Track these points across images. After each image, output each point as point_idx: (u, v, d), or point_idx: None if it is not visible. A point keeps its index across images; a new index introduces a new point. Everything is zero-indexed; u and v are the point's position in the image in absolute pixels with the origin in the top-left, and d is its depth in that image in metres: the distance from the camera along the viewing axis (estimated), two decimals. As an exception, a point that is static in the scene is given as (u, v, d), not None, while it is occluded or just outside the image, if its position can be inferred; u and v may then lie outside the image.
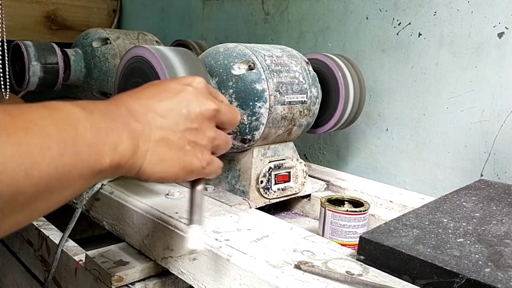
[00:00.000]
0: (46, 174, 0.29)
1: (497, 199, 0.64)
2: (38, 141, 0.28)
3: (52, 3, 1.49)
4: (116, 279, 0.57)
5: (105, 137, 0.34)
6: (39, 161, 0.28)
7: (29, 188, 0.28)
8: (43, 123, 0.29)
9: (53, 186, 0.30)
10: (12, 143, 0.27)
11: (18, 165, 0.27)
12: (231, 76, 0.67)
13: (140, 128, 0.38)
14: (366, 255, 0.49)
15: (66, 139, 0.31)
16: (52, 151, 0.29)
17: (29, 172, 0.27)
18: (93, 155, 0.33)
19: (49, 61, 0.96)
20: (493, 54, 0.78)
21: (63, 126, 0.31)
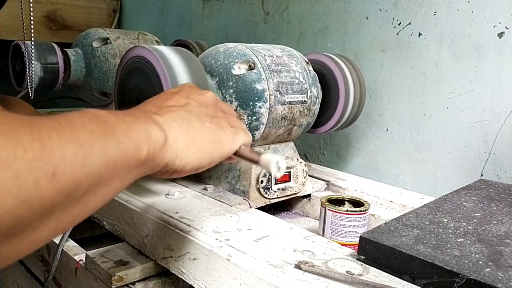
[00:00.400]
0: (97, 166, 0.30)
1: (497, 199, 0.64)
2: (85, 136, 0.30)
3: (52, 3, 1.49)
4: (116, 279, 0.57)
5: (136, 129, 0.36)
6: (90, 153, 0.30)
7: (85, 180, 0.29)
8: (81, 121, 0.31)
9: (103, 177, 0.31)
10: (64, 138, 0.28)
11: (74, 158, 0.28)
12: (231, 76, 0.67)
13: (161, 119, 0.40)
14: (366, 255, 0.49)
15: (106, 133, 0.32)
16: (98, 143, 0.31)
17: (84, 163, 0.29)
18: (132, 145, 0.34)
19: (49, 61, 0.96)
20: (493, 54, 0.78)
21: (98, 123, 0.32)
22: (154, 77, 0.60)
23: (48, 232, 0.28)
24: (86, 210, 0.31)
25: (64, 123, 0.29)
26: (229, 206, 0.65)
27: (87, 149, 0.29)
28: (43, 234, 0.28)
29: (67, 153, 0.28)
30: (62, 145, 0.28)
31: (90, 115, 0.33)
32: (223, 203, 0.66)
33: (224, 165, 0.73)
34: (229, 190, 0.71)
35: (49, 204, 0.27)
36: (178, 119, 0.41)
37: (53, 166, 0.26)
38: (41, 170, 0.26)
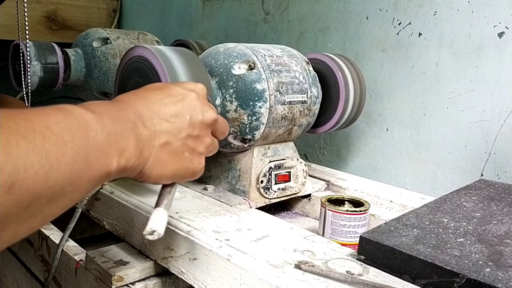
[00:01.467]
0: (61, 179, 0.30)
1: (497, 199, 0.64)
2: (55, 148, 0.29)
3: (52, 3, 1.49)
4: (116, 279, 0.57)
5: (113, 142, 0.36)
6: (56, 167, 0.29)
7: (47, 192, 0.29)
8: (58, 129, 0.30)
9: (66, 190, 0.31)
10: (33, 150, 0.28)
11: (38, 170, 0.28)
12: (231, 76, 0.67)
13: (146, 134, 0.40)
14: (366, 255, 0.49)
15: (79, 146, 0.32)
16: (67, 157, 0.30)
17: (47, 177, 0.28)
18: (102, 160, 0.34)
19: (49, 61, 0.96)
20: (493, 54, 0.78)
21: (76, 132, 0.32)
22: (154, 77, 0.59)
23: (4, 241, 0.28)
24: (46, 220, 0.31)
25: (39, 130, 0.29)
26: (229, 206, 0.65)
27: (54, 163, 0.29)
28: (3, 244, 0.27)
29: (32, 165, 0.27)
30: (28, 156, 0.27)
31: (73, 120, 0.32)
32: (223, 203, 0.66)
33: (224, 165, 0.73)
34: (229, 190, 0.71)
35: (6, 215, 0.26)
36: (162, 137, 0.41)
37: (13, 178, 0.26)
38: None
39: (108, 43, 1.04)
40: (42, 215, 0.30)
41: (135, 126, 0.39)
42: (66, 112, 0.32)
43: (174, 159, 0.43)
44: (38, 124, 0.29)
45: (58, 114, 0.31)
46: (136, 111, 0.40)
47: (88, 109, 0.35)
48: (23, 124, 0.28)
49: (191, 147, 0.44)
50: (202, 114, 0.45)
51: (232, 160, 0.72)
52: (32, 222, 0.29)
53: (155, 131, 0.41)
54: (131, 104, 0.41)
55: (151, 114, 0.41)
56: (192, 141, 0.44)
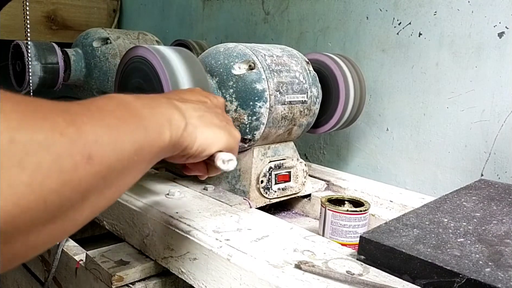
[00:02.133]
0: (127, 150, 0.31)
1: (498, 199, 0.64)
2: (113, 122, 0.31)
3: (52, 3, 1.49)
4: (117, 278, 0.57)
5: (159, 114, 0.37)
6: (121, 138, 0.31)
7: (117, 164, 0.30)
8: (109, 108, 0.32)
9: (133, 160, 0.32)
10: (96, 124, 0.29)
11: (107, 142, 0.29)
12: (232, 76, 0.67)
13: (183, 106, 0.42)
14: (366, 255, 0.49)
15: (132, 119, 0.33)
16: (126, 129, 0.32)
17: (115, 148, 0.30)
18: (156, 131, 0.36)
19: (49, 61, 0.96)
20: (493, 54, 0.78)
21: (125, 109, 0.34)
22: (154, 77, 0.60)
23: (88, 214, 0.29)
24: (119, 192, 0.33)
25: (93, 109, 0.30)
26: (229, 206, 0.65)
27: (117, 134, 0.30)
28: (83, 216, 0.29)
29: (100, 137, 0.28)
30: (94, 130, 0.28)
31: (117, 101, 0.34)
32: (223, 203, 0.66)
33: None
34: (229, 190, 0.71)
35: (87, 186, 0.27)
36: (197, 111, 0.44)
37: (89, 149, 0.27)
38: (78, 153, 0.26)
39: (108, 43, 1.04)
40: (116, 186, 0.31)
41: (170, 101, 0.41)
42: (108, 97, 0.34)
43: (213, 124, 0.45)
44: (90, 106, 0.31)
45: (103, 99, 0.33)
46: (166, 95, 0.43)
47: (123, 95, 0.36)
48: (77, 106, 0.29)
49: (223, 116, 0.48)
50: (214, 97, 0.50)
51: (232, 160, 0.72)
52: (109, 193, 0.31)
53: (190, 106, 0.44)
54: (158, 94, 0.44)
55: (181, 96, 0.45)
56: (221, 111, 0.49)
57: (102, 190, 0.29)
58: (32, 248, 0.26)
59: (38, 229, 0.25)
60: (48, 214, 0.25)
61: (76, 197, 0.27)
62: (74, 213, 0.28)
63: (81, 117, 0.28)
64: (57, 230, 0.27)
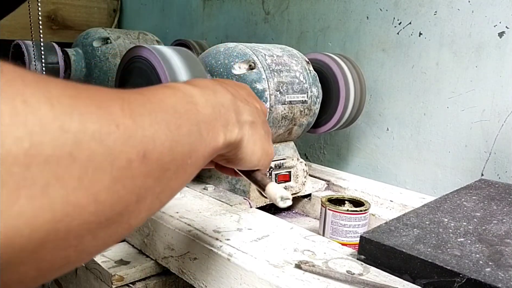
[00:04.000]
0: (182, 151, 0.29)
1: (498, 198, 0.64)
2: (173, 120, 0.29)
3: (53, 3, 1.49)
4: (117, 278, 0.57)
5: (218, 114, 0.35)
6: (177, 138, 0.28)
7: (172, 166, 0.28)
8: (171, 102, 0.30)
9: (186, 163, 0.30)
10: (155, 120, 0.27)
11: (164, 141, 0.27)
12: (232, 76, 0.67)
13: (241, 108, 0.40)
14: (366, 254, 0.49)
15: (191, 118, 0.31)
16: (183, 129, 0.30)
17: (171, 148, 0.28)
18: (211, 133, 0.34)
19: (50, 60, 0.96)
20: (494, 54, 0.78)
21: (186, 105, 0.31)
22: (154, 77, 0.60)
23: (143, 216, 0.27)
24: (171, 195, 0.31)
25: (154, 101, 0.28)
26: (230, 205, 0.65)
27: (175, 134, 0.28)
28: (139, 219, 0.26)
29: (158, 134, 0.26)
30: (152, 125, 0.26)
31: (181, 94, 0.32)
32: (224, 202, 0.66)
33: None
34: (229, 190, 0.71)
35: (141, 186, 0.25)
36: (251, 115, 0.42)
37: (144, 146, 0.25)
38: (133, 149, 0.24)
39: (109, 43, 1.04)
40: (170, 189, 0.29)
41: (234, 99, 0.39)
42: (172, 88, 0.32)
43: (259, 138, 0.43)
44: (152, 97, 0.28)
45: (166, 90, 0.31)
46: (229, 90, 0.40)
47: (191, 84, 0.34)
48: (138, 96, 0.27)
49: (267, 130, 0.45)
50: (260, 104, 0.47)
51: (232, 160, 0.72)
52: (163, 196, 0.29)
53: (245, 109, 0.41)
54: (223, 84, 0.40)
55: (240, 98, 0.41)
56: (266, 126, 0.45)
57: (156, 192, 0.27)
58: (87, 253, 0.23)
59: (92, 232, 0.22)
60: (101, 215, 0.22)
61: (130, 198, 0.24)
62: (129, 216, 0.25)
63: (140, 108, 0.26)
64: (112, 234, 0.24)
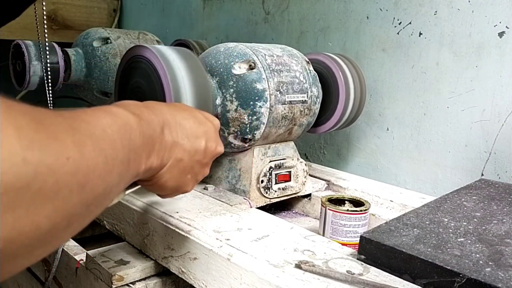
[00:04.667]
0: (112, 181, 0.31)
1: (498, 198, 0.64)
2: (111, 151, 0.30)
3: (53, 3, 1.49)
4: (117, 278, 0.57)
5: (146, 144, 0.37)
6: (110, 169, 0.30)
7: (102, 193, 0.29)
8: (111, 131, 0.31)
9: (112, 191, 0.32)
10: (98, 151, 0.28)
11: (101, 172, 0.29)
12: (232, 76, 0.67)
13: (170, 142, 0.42)
14: (366, 254, 0.49)
15: (125, 148, 0.33)
16: (117, 160, 0.31)
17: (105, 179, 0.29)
18: (136, 162, 0.36)
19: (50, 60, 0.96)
20: (494, 54, 0.78)
21: (123, 135, 0.33)
22: (154, 76, 0.59)
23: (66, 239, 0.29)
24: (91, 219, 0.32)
25: (98, 132, 0.30)
26: (230, 205, 0.65)
27: (110, 165, 0.30)
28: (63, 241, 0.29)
29: (97, 166, 0.28)
30: (95, 157, 0.28)
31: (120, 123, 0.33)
32: (224, 202, 0.66)
33: (224, 164, 0.73)
34: (229, 190, 0.71)
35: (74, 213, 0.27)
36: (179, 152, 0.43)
37: (85, 178, 0.27)
38: (76, 180, 0.26)
39: (109, 43, 1.04)
40: (93, 215, 0.31)
41: (162, 132, 0.41)
42: (112, 115, 0.33)
43: (179, 177, 0.45)
44: (96, 127, 0.30)
45: (107, 116, 0.32)
46: (165, 119, 0.42)
47: (129, 111, 0.36)
48: (85, 125, 0.29)
49: (195, 172, 0.47)
50: (216, 146, 0.49)
51: (232, 159, 0.72)
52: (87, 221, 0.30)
53: (177, 143, 0.43)
54: (161, 111, 0.42)
55: (177, 126, 0.43)
56: (198, 167, 0.47)
57: (84, 217, 0.29)
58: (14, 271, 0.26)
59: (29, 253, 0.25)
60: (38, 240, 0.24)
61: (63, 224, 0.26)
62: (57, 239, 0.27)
63: (86, 140, 0.28)
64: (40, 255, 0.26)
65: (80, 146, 0.27)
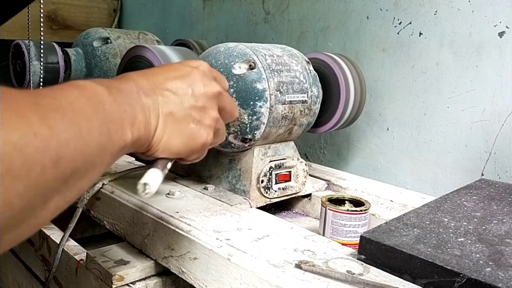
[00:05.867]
0: (91, 153, 0.30)
1: (498, 198, 0.64)
2: (84, 122, 0.30)
3: (53, 3, 1.49)
4: (117, 278, 0.57)
5: (124, 112, 0.36)
6: (88, 141, 0.30)
7: (81, 166, 0.29)
8: (80, 104, 0.31)
9: (95, 163, 0.31)
10: (69, 124, 0.28)
11: (76, 144, 0.28)
12: (232, 76, 0.67)
13: (149, 103, 0.40)
14: (367, 254, 0.49)
15: (100, 119, 0.32)
16: (94, 130, 0.31)
17: (83, 151, 0.29)
18: (119, 131, 0.35)
19: (50, 60, 0.96)
20: (494, 54, 0.78)
21: (95, 106, 0.32)
22: (154, 76, 0.59)
23: (48, 216, 0.28)
24: (79, 194, 0.32)
25: (65, 105, 0.29)
26: (230, 205, 0.65)
27: (86, 136, 0.29)
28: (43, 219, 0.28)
29: (70, 139, 0.28)
30: (66, 130, 0.27)
31: (89, 94, 0.32)
32: (224, 202, 0.66)
33: (224, 164, 0.73)
34: (229, 190, 0.71)
35: (51, 189, 0.27)
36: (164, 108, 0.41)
37: (58, 152, 0.26)
38: (48, 156, 0.25)
39: (109, 43, 1.04)
40: (76, 188, 0.30)
41: (138, 95, 0.39)
42: (80, 88, 0.33)
43: (181, 129, 0.43)
44: (63, 100, 0.29)
45: (74, 90, 0.32)
46: (138, 83, 0.40)
47: (98, 84, 0.35)
48: (50, 100, 0.28)
49: (196, 118, 0.44)
50: (204, 87, 0.45)
51: (232, 159, 0.72)
52: (69, 195, 0.30)
53: (157, 101, 0.41)
54: (132, 77, 0.41)
55: (152, 85, 0.41)
56: (196, 112, 0.44)
57: (64, 193, 0.29)
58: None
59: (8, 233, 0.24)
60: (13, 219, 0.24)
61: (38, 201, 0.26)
62: (35, 218, 0.27)
63: (54, 114, 0.27)
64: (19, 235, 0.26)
65: (47, 120, 0.26)
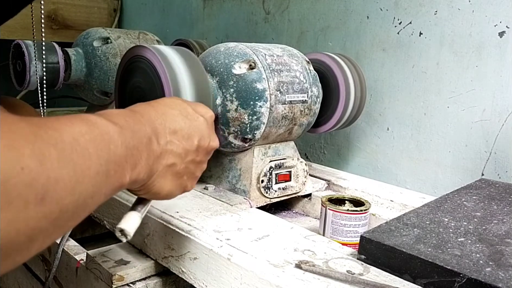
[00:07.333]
0: (84, 193, 0.29)
1: (498, 198, 0.64)
2: (81, 161, 0.29)
3: (53, 3, 1.49)
4: (117, 278, 0.57)
5: (130, 156, 0.36)
6: (81, 180, 0.29)
7: (72, 206, 0.28)
8: (84, 140, 0.30)
9: (87, 203, 0.30)
10: (63, 161, 0.27)
11: (67, 183, 0.27)
12: (232, 76, 0.67)
13: (158, 152, 0.41)
14: (367, 254, 0.49)
15: (101, 159, 0.31)
16: (91, 170, 0.30)
17: (74, 190, 0.28)
18: (118, 173, 0.34)
19: (50, 60, 0.96)
20: (494, 53, 0.78)
21: (99, 145, 0.32)
22: (154, 76, 0.59)
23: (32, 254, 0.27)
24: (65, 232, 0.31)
25: (67, 140, 0.28)
26: (230, 205, 0.65)
27: (80, 176, 0.29)
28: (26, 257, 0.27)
29: (61, 178, 0.27)
30: (59, 168, 0.27)
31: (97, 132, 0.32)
32: (224, 202, 0.66)
33: (224, 164, 0.73)
34: (229, 190, 0.71)
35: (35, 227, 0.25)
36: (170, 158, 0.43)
37: (45, 190, 0.25)
38: (32, 192, 0.24)
39: (109, 43, 1.04)
40: (65, 228, 0.30)
41: (150, 141, 0.40)
42: (89, 123, 0.32)
43: (174, 180, 0.45)
44: (66, 135, 0.28)
45: (83, 125, 0.31)
46: (154, 127, 0.41)
47: (110, 120, 0.35)
48: (52, 133, 0.27)
49: (191, 171, 0.47)
50: (209, 142, 0.48)
51: (232, 159, 0.72)
52: (56, 235, 0.29)
53: (166, 150, 0.42)
54: (149, 118, 0.41)
55: (165, 132, 0.43)
56: (193, 166, 0.47)
57: (50, 232, 0.27)
58: None
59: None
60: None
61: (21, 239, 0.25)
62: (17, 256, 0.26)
63: (50, 149, 0.26)
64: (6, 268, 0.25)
65: (40, 155, 0.25)
